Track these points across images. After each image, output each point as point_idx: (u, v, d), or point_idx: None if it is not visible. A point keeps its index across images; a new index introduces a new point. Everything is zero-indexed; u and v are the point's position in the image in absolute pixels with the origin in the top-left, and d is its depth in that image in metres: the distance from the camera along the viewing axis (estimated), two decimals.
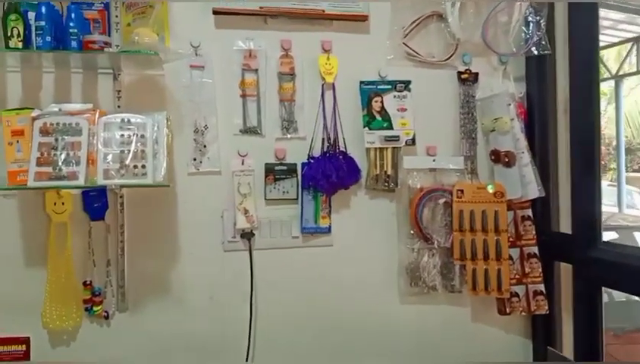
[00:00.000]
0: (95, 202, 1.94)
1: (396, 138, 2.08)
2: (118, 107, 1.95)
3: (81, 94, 1.95)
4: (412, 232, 2.10)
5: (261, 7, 2.03)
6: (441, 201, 2.09)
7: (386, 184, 2.09)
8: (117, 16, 1.94)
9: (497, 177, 2.14)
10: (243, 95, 2.06)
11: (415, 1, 2.15)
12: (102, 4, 1.93)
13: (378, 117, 2.10)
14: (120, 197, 1.96)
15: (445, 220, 2.09)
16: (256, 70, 2.07)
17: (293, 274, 2.09)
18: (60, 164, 1.63)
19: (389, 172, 2.09)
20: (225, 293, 2.04)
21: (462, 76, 2.17)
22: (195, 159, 2.02)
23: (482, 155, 2.20)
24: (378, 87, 2.12)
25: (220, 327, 2.04)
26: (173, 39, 2.00)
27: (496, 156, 2.13)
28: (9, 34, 1.65)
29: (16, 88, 1.91)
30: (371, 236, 2.14)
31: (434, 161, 2.12)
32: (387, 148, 2.09)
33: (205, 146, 2.02)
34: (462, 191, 2.08)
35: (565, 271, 2.18)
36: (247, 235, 2.03)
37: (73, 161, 1.65)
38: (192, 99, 2.02)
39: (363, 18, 2.11)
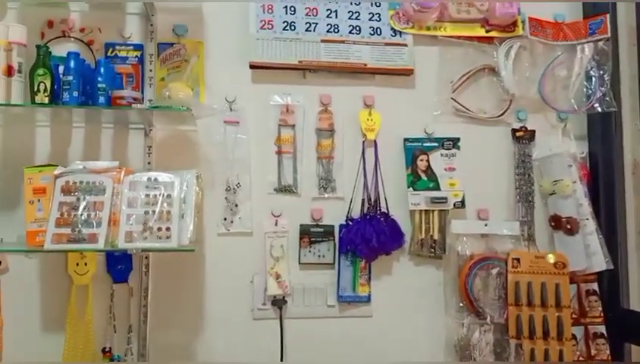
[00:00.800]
0: (119, 263, 1.83)
1: (443, 200, 1.91)
2: (148, 163, 1.86)
3: (111, 150, 1.88)
4: (461, 304, 1.89)
5: (300, 61, 1.93)
6: (494, 271, 1.88)
7: (432, 250, 1.90)
8: (151, 70, 1.88)
9: (558, 246, 1.93)
10: (279, 152, 1.94)
11: (465, 53, 2.00)
12: (136, 59, 1.87)
13: (424, 177, 1.94)
14: (146, 258, 1.84)
15: (499, 292, 1.88)
16: (293, 126, 1.95)
17: (328, 347, 1.90)
18: (80, 225, 1.53)
19: (435, 237, 1.91)
20: None
21: (517, 133, 1.99)
22: (225, 219, 1.89)
23: (540, 220, 1.99)
24: (424, 145, 1.96)
25: None
26: (208, 94, 1.92)
27: (556, 222, 1.92)
28: (36, 89, 1.59)
29: (44, 143, 1.86)
30: (415, 307, 1.95)
31: (486, 225, 1.92)
32: (433, 210, 1.92)
33: (236, 205, 1.90)
34: (518, 260, 1.87)
35: (637, 354, 1.90)
36: (279, 302, 1.87)
37: (94, 223, 1.54)
38: (226, 156, 1.91)
39: (408, 72, 1.98)
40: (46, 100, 1.59)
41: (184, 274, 1.87)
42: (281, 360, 1.85)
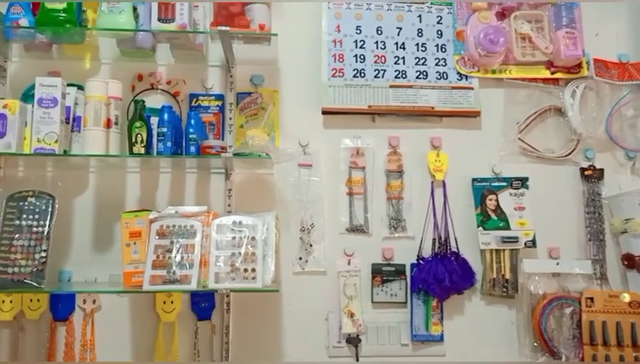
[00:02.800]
0: (203, 301, 1.93)
1: (514, 239, 1.94)
2: (229, 205, 1.97)
3: (194, 193, 2.00)
4: (535, 344, 1.90)
5: (370, 106, 2.03)
6: (568, 310, 1.88)
7: (504, 290, 1.93)
8: (230, 118, 2.00)
9: (632, 285, 1.93)
10: (350, 193, 2.02)
11: (530, 95, 2.05)
12: (218, 108, 2.00)
13: (494, 217, 1.97)
14: (227, 297, 1.93)
15: (573, 332, 1.88)
16: (363, 168, 2.04)
17: None
18: (174, 267, 1.64)
19: (507, 276, 1.93)
20: None
21: (586, 172, 2.02)
22: (300, 258, 1.98)
23: (612, 258, 1.99)
24: (492, 184, 2.00)
25: None
26: (283, 139, 2.03)
27: (629, 261, 1.92)
28: (133, 140, 1.72)
29: (134, 188, 1.98)
30: (488, 347, 1.96)
31: (557, 264, 1.94)
32: (504, 250, 1.95)
33: (311, 245, 1.98)
34: (591, 299, 1.87)
35: None
36: (353, 341, 1.92)
37: (187, 264, 1.65)
38: (300, 198, 2.00)
39: (475, 114, 2.05)
40: (142, 150, 1.73)
41: (263, 311, 1.95)
42: None
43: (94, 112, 1.73)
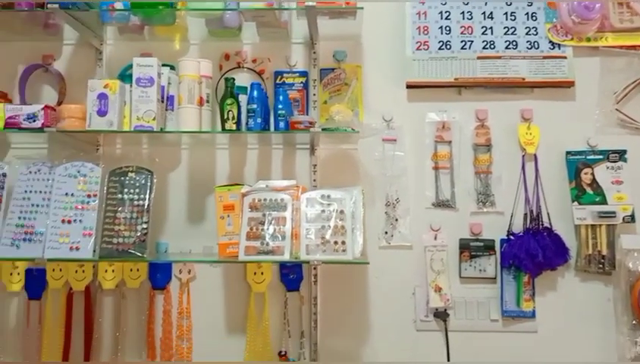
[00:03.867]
0: (291, 273, 1.97)
1: (611, 214, 1.85)
2: (314, 181, 1.99)
3: (281, 169, 2.03)
4: (634, 322, 1.82)
5: (456, 79, 1.98)
6: None
7: (600, 266, 1.86)
8: (314, 94, 2.01)
9: None
10: (436, 168, 2.00)
11: (629, 63, 1.94)
12: (302, 84, 2.02)
13: (589, 191, 1.89)
14: (314, 269, 1.97)
15: None
16: (449, 142, 2.00)
17: (491, 361, 1.90)
18: (267, 238, 1.68)
19: (604, 252, 1.86)
20: None
21: None
22: (386, 233, 1.98)
23: None
24: (587, 157, 1.92)
25: None
26: (366, 114, 2.03)
27: None
28: (225, 117, 1.77)
29: (224, 163, 2.04)
30: (583, 324, 1.91)
31: None
32: (600, 225, 1.86)
33: (396, 220, 1.98)
34: None
35: None
36: (442, 315, 1.92)
37: (279, 236, 1.69)
38: (385, 173, 2.00)
39: (568, 84, 1.96)
40: (234, 126, 1.78)
41: (349, 284, 1.98)
42: None
43: (188, 90, 1.79)
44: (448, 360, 1.88)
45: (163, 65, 1.83)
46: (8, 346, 1.98)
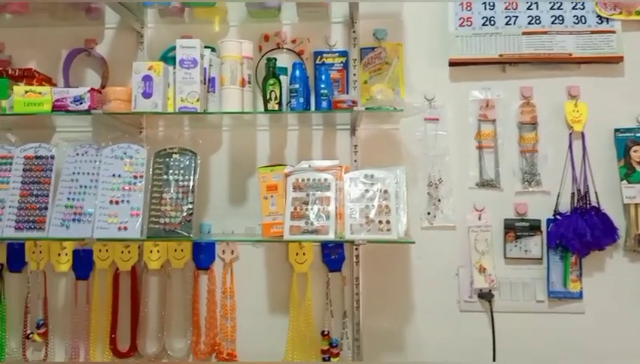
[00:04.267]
0: (333, 253, 1.97)
1: None
2: (355, 161, 1.98)
3: (321, 150, 2.03)
4: None
5: (500, 55, 1.94)
6: None
7: None
8: (354, 74, 2.00)
9: None
10: (479, 147, 1.97)
11: None
12: (341, 64, 2.01)
13: (639, 169, 1.84)
14: (356, 250, 1.97)
15: None
16: (494, 121, 1.97)
17: (537, 343, 1.89)
18: (311, 218, 1.68)
19: None
20: (462, 357, 1.91)
21: None
22: (429, 213, 1.96)
23: None
24: (637, 135, 1.87)
25: None
26: (407, 93, 2.00)
27: None
28: (268, 97, 1.77)
29: (264, 145, 2.05)
30: (632, 305, 1.87)
31: None
32: None
33: (439, 200, 1.96)
34: None
35: None
36: (486, 296, 1.90)
37: (323, 216, 1.69)
38: (427, 153, 1.97)
39: (617, 60, 1.90)
40: (276, 107, 1.78)
41: (391, 265, 1.97)
42: (493, 350, 1.86)
43: (230, 71, 1.79)
44: (494, 341, 1.85)
45: (204, 47, 1.82)
46: (57, 326, 2.04)
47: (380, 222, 1.68)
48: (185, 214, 1.75)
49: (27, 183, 1.81)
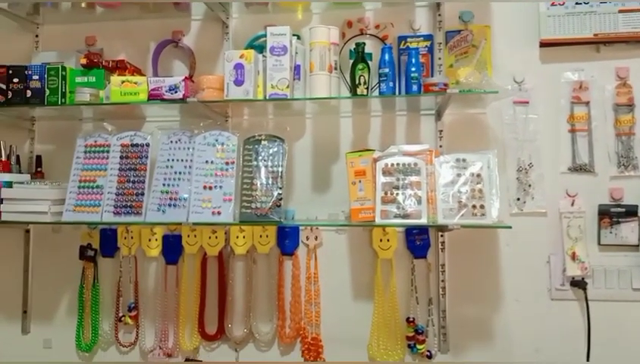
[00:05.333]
0: (418, 240, 1.96)
1: None
2: (440, 146, 1.95)
3: (405, 135, 2.01)
4: None
5: (595, 35, 1.86)
6: None
7: None
8: (440, 58, 1.97)
9: None
10: (572, 131, 1.90)
11: None
12: (426, 48, 1.98)
13: None
14: (441, 236, 1.95)
15: None
16: (587, 103, 1.90)
17: (633, 333, 1.82)
18: (402, 203, 1.67)
19: None
20: (553, 346, 1.87)
21: None
22: (518, 199, 1.92)
23: None
24: None
25: None
26: (495, 76, 1.95)
27: None
28: (357, 82, 1.76)
29: (347, 131, 2.05)
30: None
31: None
32: None
33: (529, 186, 1.91)
34: None
35: None
36: (580, 284, 1.84)
37: (415, 200, 1.68)
38: (516, 137, 1.92)
39: None
40: (365, 92, 1.77)
41: (478, 251, 1.94)
42: (588, 340, 1.81)
43: (319, 57, 1.80)
44: (589, 330, 1.80)
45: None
46: (148, 309, 2.11)
47: (473, 207, 1.66)
48: (275, 199, 1.78)
49: (124, 170, 1.88)
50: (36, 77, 1.88)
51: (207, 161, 1.82)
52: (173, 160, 1.85)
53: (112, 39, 2.19)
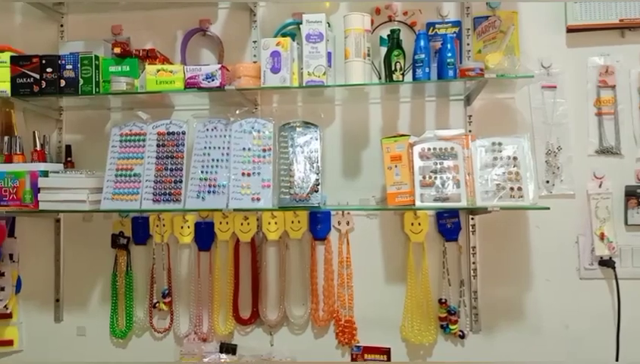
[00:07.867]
0: (449, 223, 2.00)
1: None
2: (469, 132, 1.99)
3: (434, 121, 2.05)
4: None
5: (621, 20, 1.90)
6: None
7: None
8: (468, 44, 2.00)
9: None
10: (599, 114, 1.95)
11: None
12: (454, 34, 2.01)
13: None
14: (472, 219, 1.99)
15: None
16: (614, 87, 1.94)
17: None
18: (441, 186, 1.71)
19: None
20: (582, 324, 1.93)
21: None
22: (547, 182, 1.96)
23: None
24: None
25: (576, 361, 1.91)
26: (523, 61, 1.98)
27: None
28: (393, 68, 1.79)
29: (376, 117, 2.08)
30: None
31: None
32: None
33: (558, 168, 1.95)
34: None
35: None
36: (607, 263, 1.89)
37: (453, 184, 1.71)
38: (545, 121, 1.97)
39: None
40: (401, 78, 1.80)
41: (509, 233, 1.99)
42: (618, 318, 1.86)
43: (354, 44, 1.82)
44: (619, 308, 1.86)
45: None
46: (182, 295, 2.14)
47: (511, 189, 1.70)
48: (312, 184, 1.81)
49: (162, 158, 1.89)
50: (69, 67, 1.89)
51: (244, 148, 1.84)
52: (210, 148, 1.88)
53: (138, 29, 2.19)
